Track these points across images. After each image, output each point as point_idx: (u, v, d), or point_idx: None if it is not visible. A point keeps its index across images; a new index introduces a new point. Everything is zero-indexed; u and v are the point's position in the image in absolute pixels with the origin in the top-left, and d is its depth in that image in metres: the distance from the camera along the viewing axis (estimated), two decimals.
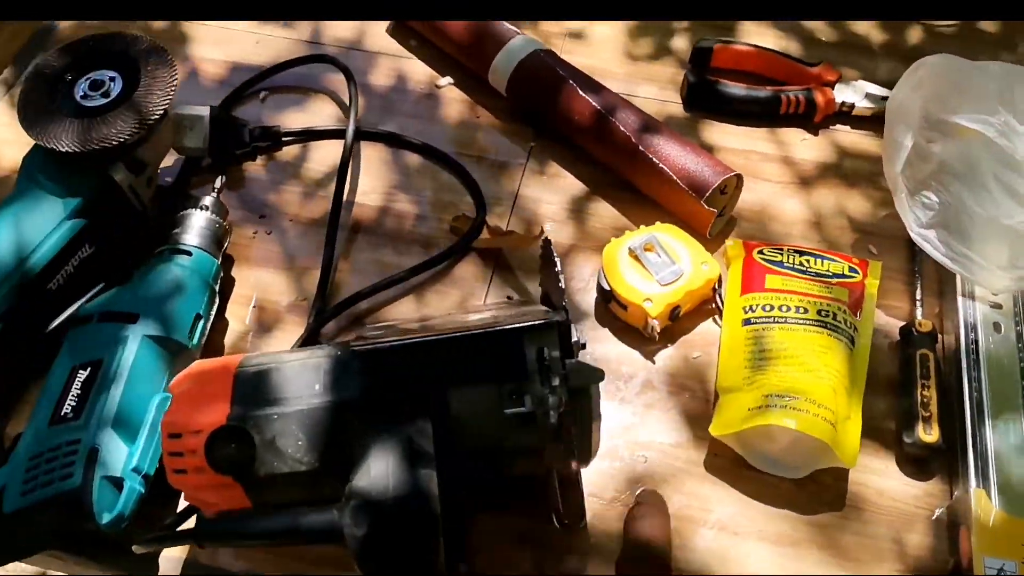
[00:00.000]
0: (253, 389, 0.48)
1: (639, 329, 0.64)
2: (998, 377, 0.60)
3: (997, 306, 0.63)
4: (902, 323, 0.65)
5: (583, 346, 0.54)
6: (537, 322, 0.48)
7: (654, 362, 0.64)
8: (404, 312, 0.66)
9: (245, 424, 0.46)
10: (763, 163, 0.74)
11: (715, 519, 0.58)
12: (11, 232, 0.58)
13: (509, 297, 0.66)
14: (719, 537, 0.57)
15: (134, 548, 0.45)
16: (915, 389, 0.60)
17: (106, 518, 0.49)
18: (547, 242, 0.56)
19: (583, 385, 0.47)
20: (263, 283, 0.68)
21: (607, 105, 0.70)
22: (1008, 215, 0.60)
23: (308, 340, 0.62)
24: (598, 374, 0.48)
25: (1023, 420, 0.58)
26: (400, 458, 0.43)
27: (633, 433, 0.61)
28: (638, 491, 0.57)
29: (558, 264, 0.52)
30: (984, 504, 0.55)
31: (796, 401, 0.56)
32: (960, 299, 0.63)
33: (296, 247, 0.69)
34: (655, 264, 0.63)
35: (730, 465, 0.59)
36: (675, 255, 0.64)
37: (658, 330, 0.63)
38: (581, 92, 0.70)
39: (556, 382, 0.46)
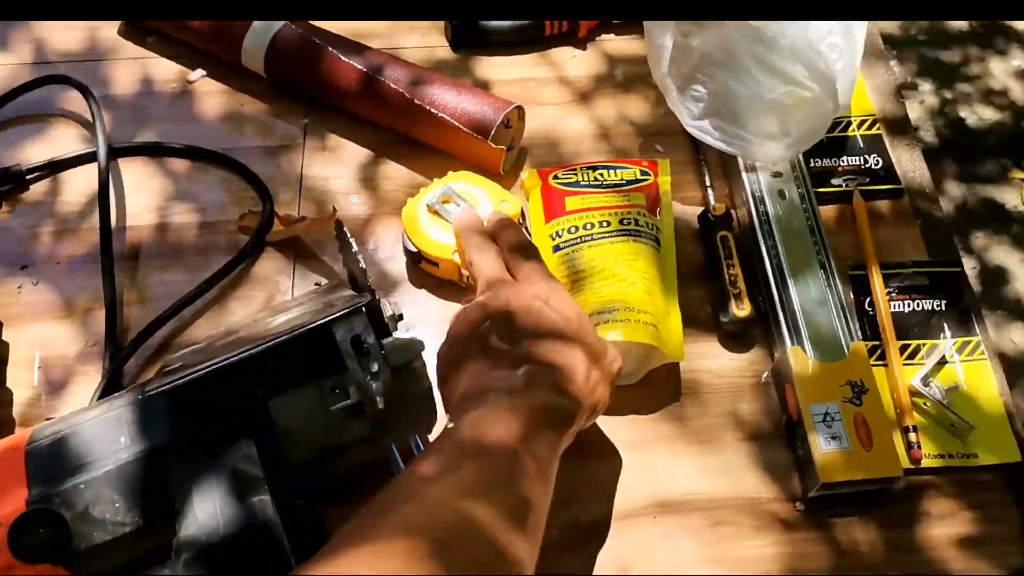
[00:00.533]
0: (51, 462, 0.44)
1: (456, 283, 0.63)
2: (791, 240, 0.64)
3: (778, 175, 0.67)
4: (699, 211, 0.67)
5: (400, 317, 0.53)
6: (344, 310, 0.47)
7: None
8: (210, 327, 0.62)
9: (50, 503, 0.42)
10: (540, 88, 0.74)
11: (573, 447, 0.59)
12: None
13: (317, 284, 0.64)
14: (569, 459, 0.58)
15: None
16: (722, 270, 0.63)
17: None
18: (338, 223, 0.54)
19: (406, 361, 0.46)
20: (44, 338, 0.61)
21: (372, 65, 0.67)
22: (770, 90, 0.63)
23: (109, 387, 0.56)
24: (418, 346, 0.47)
25: (819, 274, 0.63)
26: (226, 492, 0.40)
27: None
28: None
29: (352, 244, 0.50)
30: (801, 359, 0.59)
31: (616, 313, 0.58)
32: (744, 176, 0.67)
33: (72, 290, 0.63)
34: (456, 214, 0.62)
35: None
36: (474, 200, 0.63)
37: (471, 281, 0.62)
38: (343, 57, 0.67)
39: (376, 367, 0.45)
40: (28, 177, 0.67)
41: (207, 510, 0.40)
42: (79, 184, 0.68)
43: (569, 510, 0.56)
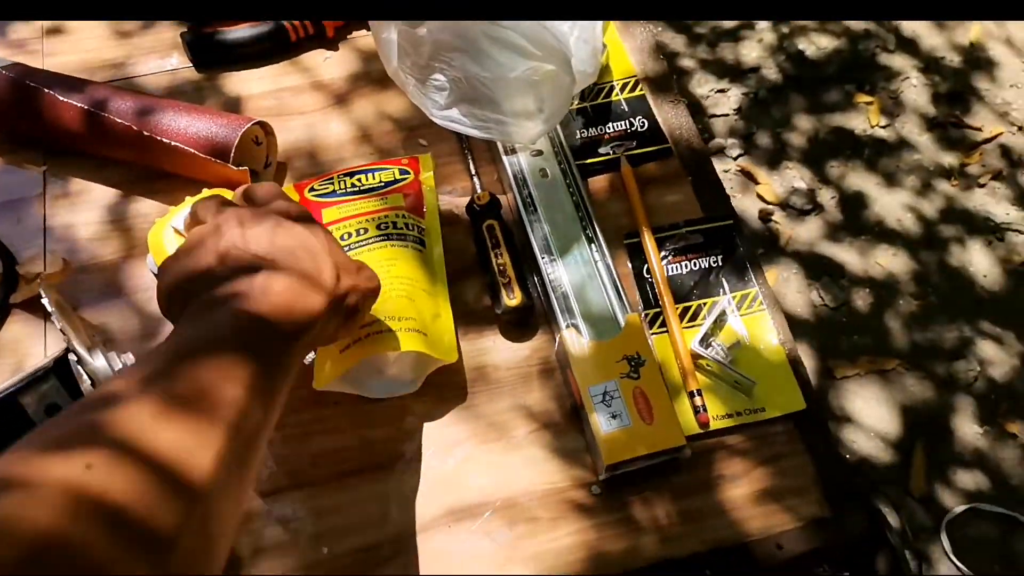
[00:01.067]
0: None
1: None
2: (557, 219, 0.63)
3: (538, 153, 0.65)
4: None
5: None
6: (28, 375, 0.43)
7: None
8: None
9: None
10: (295, 97, 0.71)
11: (356, 467, 0.56)
12: None
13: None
14: (366, 479, 0.56)
15: None
16: (490, 259, 0.61)
17: None
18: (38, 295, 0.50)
19: None
20: None
21: (95, 101, 0.62)
22: (512, 69, 0.60)
23: None
24: None
25: (588, 250, 0.61)
26: None
27: None
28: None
29: (47, 306, 0.47)
30: (575, 340, 0.58)
31: (374, 325, 0.55)
32: (505, 159, 0.65)
33: None
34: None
35: (351, 408, 0.58)
36: None
37: None
38: (62, 97, 0.62)
39: None
40: None
41: None
42: None
43: (366, 533, 0.54)
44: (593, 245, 0.61)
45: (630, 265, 0.63)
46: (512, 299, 0.59)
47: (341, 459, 0.56)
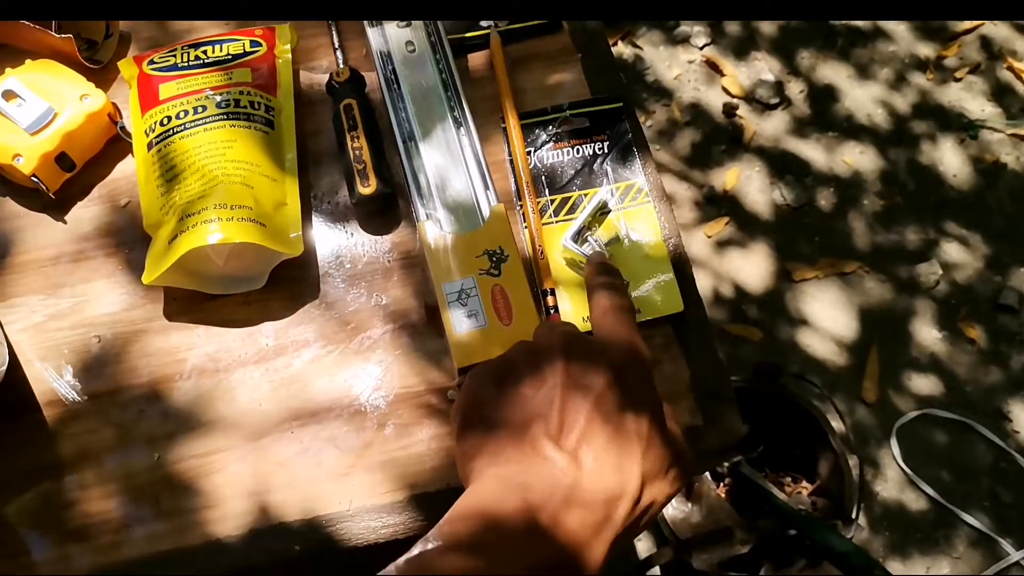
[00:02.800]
0: None
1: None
2: (422, 99, 0.56)
3: (406, 24, 0.58)
4: None
5: None
6: None
7: (66, 222, 0.55)
8: None
9: None
10: None
11: (191, 367, 0.52)
12: None
13: None
14: (200, 383, 0.52)
15: None
16: (346, 143, 0.55)
17: None
18: None
19: None
20: None
21: None
22: None
23: None
24: None
25: (455, 135, 0.55)
26: None
27: (78, 315, 0.53)
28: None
29: None
30: (433, 232, 0.52)
31: (207, 212, 0.50)
32: (369, 30, 0.58)
33: None
34: (18, 112, 0.53)
35: (191, 304, 0.53)
36: (47, 95, 0.54)
37: (50, 187, 0.54)
38: None
39: None
40: None
41: None
42: None
43: (201, 440, 0.50)
44: (461, 129, 0.55)
45: (506, 152, 0.57)
46: (367, 187, 0.54)
47: (178, 360, 0.52)
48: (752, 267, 1.38)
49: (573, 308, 0.53)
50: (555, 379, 0.37)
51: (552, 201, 0.56)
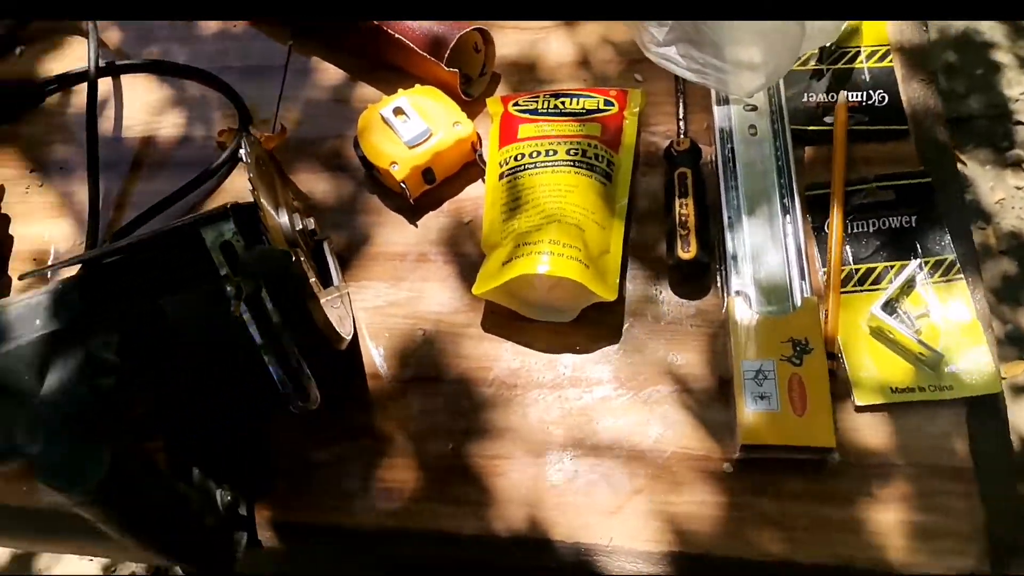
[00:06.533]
0: None
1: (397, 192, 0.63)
2: (754, 180, 0.59)
3: (752, 108, 0.61)
4: None
5: (312, 232, 0.54)
6: (210, 212, 0.48)
7: (416, 226, 0.64)
8: None
9: None
10: None
11: (494, 376, 0.58)
12: None
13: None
14: (499, 392, 0.57)
15: None
16: (674, 207, 0.59)
17: None
18: (242, 136, 0.55)
19: (270, 270, 0.47)
20: (43, 235, 0.68)
21: None
22: None
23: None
24: (281, 259, 0.47)
25: (781, 220, 0.57)
26: (77, 372, 0.44)
27: (411, 307, 0.61)
28: None
29: (245, 159, 0.52)
30: (741, 309, 0.55)
31: (541, 245, 0.56)
32: (715, 109, 0.61)
33: (70, 193, 0.69)
34: (402, 127, 0.62)
35: (506, 321, 0.59)
36: (427, 117, 0.63)
37: (412, 194, 0.62)
38: None
39: (233, 271, 0.46)
40: (46, 91, 0.73)
41: (54, 383, 0.43)
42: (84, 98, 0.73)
43: (494, 443, 0.56)
44: (788, 216, 0.57)
45: (809, 217, 0.58)
46: (687, 252, 0.57)
47: (484, 367, 0.58)
48: None
49: (887, 376, 0.53)
50: None
51: (857, 270, 0.56)
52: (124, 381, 0.44)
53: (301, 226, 0.53)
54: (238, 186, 0.67)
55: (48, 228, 0.68)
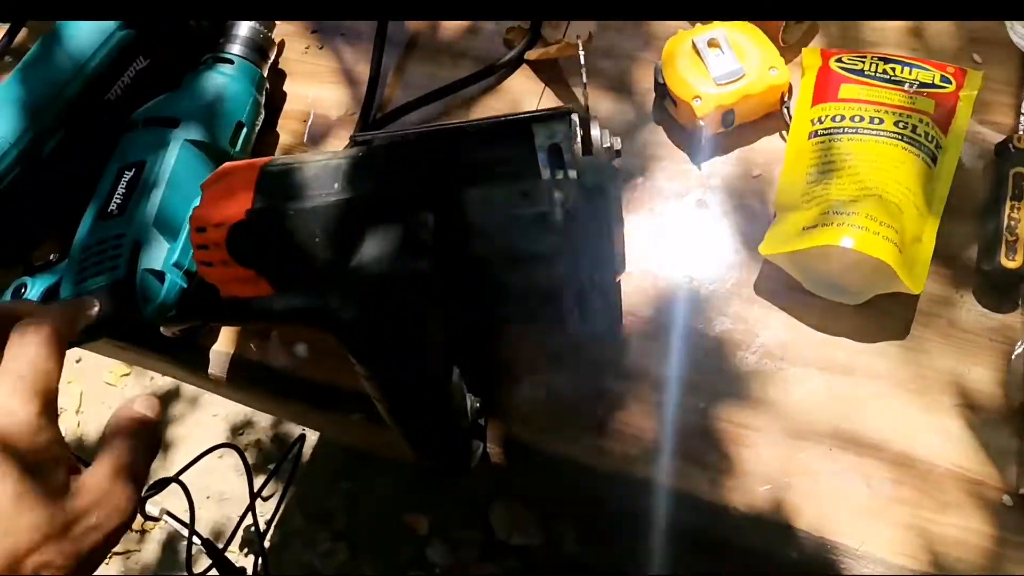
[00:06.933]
0: (275, 186, 0.48)
1: (690, 128, 0.59)
2: None
3: None
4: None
5: (617, 153, 0.51)
6: (549, 111, 0.45)
7: (700, 168, 0.60)
8: None
9: (263, 218, 0.47)
10: None
11: (759, 343, 0.54)
12: (67, 43, 0.59)
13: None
14: (762, 362, 0.54)
15: (161, 330, 0.48)
16: (1002, 210, 0.53)
17: (149, 308, 0.51)
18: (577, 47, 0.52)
19: (597, 183, 0.44)
20: (314, 97, 0.67)
21: None
22: None
23: None
24: (612, 172, 0.44)
25: None
26: (396, 246, 0.42)
27: (679, 251, 0.58)
28: None
29: (583, 71, 0.49)
30: None
31: (855, 217, 0.51)
32: None
33: (348, 61, 0.68)
34: (715, 61, 0.58)
35: (783, 288, 0.55)
36: (742, 55, 0.58)
37: (707, 134, 0.58)
38: None
39: (564, 176, 0.43)
40: None
41: (373, 253, 0.42)
42: None
43: (743, 413, 0.53)
44: None
45: None
46: (1012, 261, 0.51)
47: (751, 331, 0.55)
48: None
49: None
50: None
51: None
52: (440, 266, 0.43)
53: (609, 143, 0.50)
54: (517, 87, 0.65)
55: (319, 91, 0.68)
